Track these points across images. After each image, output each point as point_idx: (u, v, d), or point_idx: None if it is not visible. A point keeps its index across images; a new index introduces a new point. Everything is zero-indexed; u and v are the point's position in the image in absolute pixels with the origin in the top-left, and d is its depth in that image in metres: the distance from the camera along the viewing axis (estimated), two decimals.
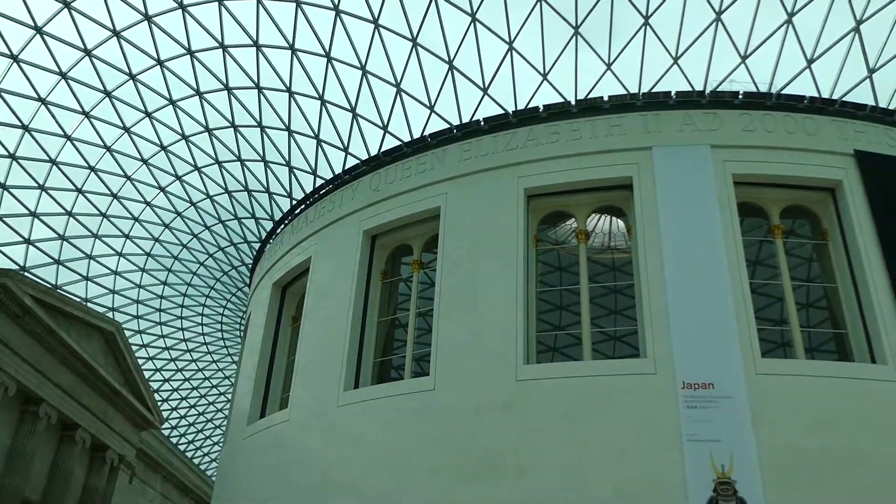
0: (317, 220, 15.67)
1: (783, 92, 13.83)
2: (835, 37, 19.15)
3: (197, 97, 24.69)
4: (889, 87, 19.79)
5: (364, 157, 20.15)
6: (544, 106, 13.75)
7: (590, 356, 11.66)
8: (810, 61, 19.28)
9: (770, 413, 10.10)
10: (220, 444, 35.20)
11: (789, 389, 10.37)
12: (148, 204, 29.18)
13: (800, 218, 13.12)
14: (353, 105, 22.98)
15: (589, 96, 19.31)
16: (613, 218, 14.27)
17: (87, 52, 22.63)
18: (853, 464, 9.85)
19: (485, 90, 21.85)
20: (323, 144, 24.29)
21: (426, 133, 15.53)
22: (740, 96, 13.15)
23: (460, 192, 13.32)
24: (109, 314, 31.30)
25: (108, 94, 24.26)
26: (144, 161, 27.13)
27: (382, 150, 16.21)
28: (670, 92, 13.21)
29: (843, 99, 13.72)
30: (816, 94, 15.49)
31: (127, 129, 25.81)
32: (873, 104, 14.07)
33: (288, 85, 23.34)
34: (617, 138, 12.76)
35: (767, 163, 12.36)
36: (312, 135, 24.20)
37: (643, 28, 20.19)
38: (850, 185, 12.23)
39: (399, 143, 17.69)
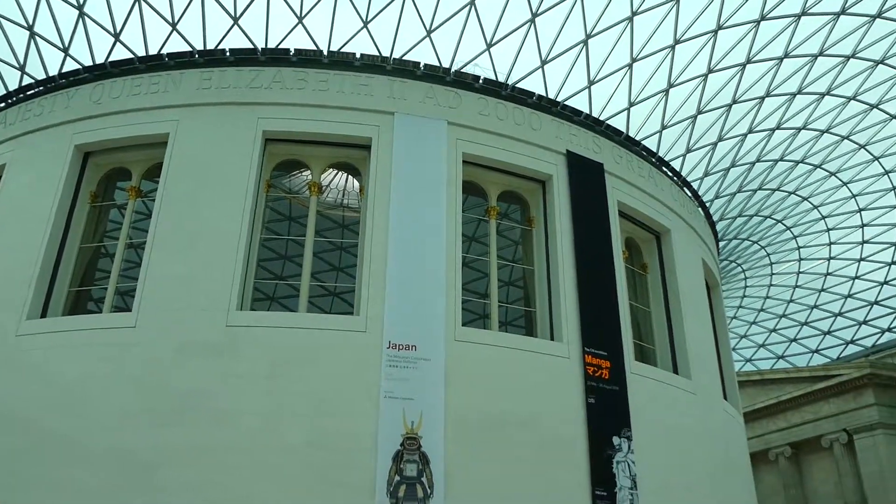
0: (18, 124, 13.73)
1: (518, 85, 14.92)
2: (567, 45, 21.12)
3: None
4: (603, 99, 22.39)
5: (87, 63, 18.03)
6: (295, 50, 13.41)
7: (305, 309, 11.76)
8: (544, 62, 21.07)
9: (461, 377, 11.05)
10: None
11: (481, 357, 11.43)
12: None
13: (514, 203, 14.38)
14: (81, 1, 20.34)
15: (341, 50, 19.16)
16: (349, 176, 14.45)
17: None
18: (524, 426, 11.22)
19: (235, 19, 20.66)
20: (37, 38, 21.18)
21: (164, 52, 14.30)
22: (481, 81, 13.98)
23: (193, 121, 12.52)
24: None
25: None
26: None
27: (111, 59, 14.62)
28: (419, 63, 13.62)
29: (565, 102, 15.23)
30: (544, 94, 16.96)
31: None
32: (587, 112, 15.78)
33: None
34: (363, 98, 12.87)
35: (495, 148, 13.33)
36: (25, 25, 21.01)
37: None
38: (559, 180, 13.68)
39: (132, 56, 16.09)
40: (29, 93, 14.26)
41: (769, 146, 26.66)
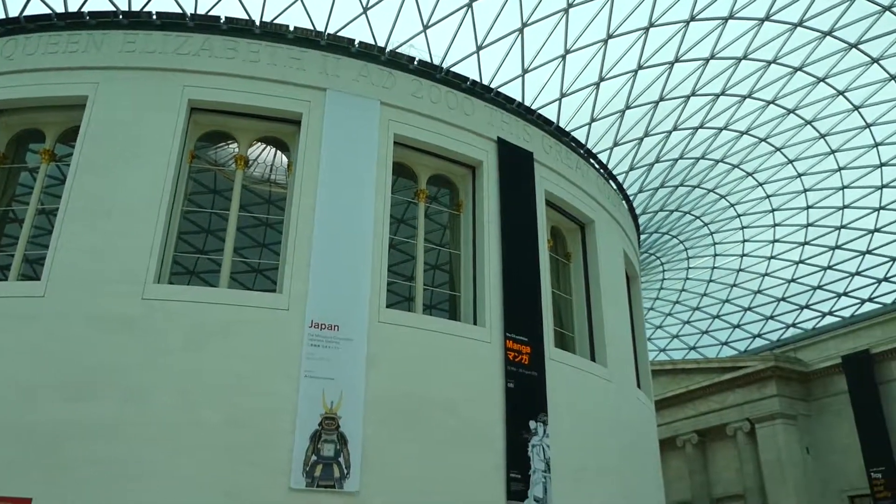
0: None
1: (452, 69, 14.92)
2: (503, 32, 21.21)
3: None
4: (535, 88, 22.63)
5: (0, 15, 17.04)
6: (226, 18, 12.99)
7: (226, 284, 11.51)
8: (479, 48, 21.11)
9: (384, 358, 11.05)
10: None
11: (404, 339, 11.44)
12: None
13: (444, 187, 14.40)
14: None
15: (274, 21, 18.68)
16: (277, 151, 14.15)
17: None
18: (444, 409, 11.32)
19: None
20: None
21: (85, 10, 13.63)
22: (415, 62, 13.90)
23: (115, 85, 11.99)
24: None
25: None
26: None
27: (26, 13, 13.84)
28: (354, 40, 13.41)
29: (498, 90, 15.31)
30: (478, 80, 17.01)
31: None
32: (520, 101, 15.91)
33: None
34: (295, 72, 12.60)
35: (427, 131, 13.28)
36: None
37: None
38: (489, 167, 13.77)
39: (50, 11, 15.27)
40: None
41: (692, 144, 27.55)
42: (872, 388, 28.00)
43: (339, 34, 16.05)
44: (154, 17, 12.79)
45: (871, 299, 32.25)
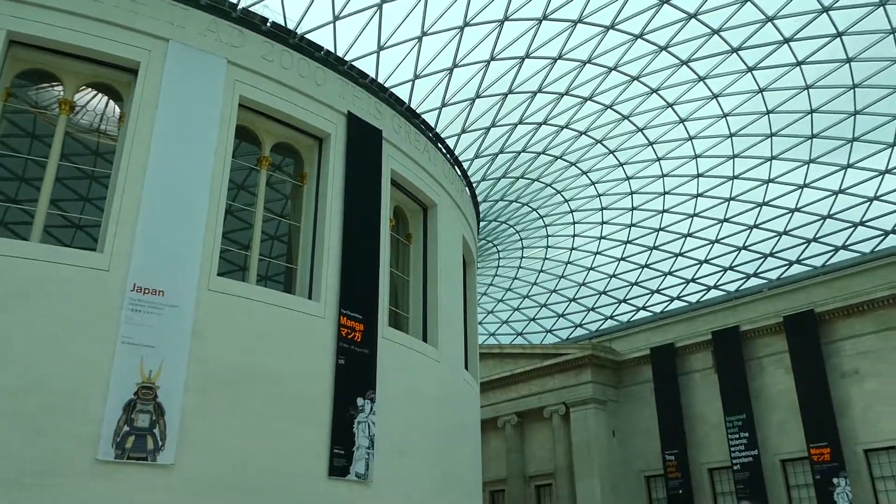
0: None
1: (307, 36, 14.50)
2: (361, 5, 20.90)
3: None
4: (390, 67, 22.57)
5: None
6: None
7: (39, 238, 10.56)
8: (336, 17, 20.67)
9: (211, 328, 10.64)
10: None
11: (234, 309, 11.09)
12: None
13: (289, 156, 14.04)
14: None
15: None
16: (109, 99, 13.13)
17: None
18: (272, 382, 11.11)
19: None
20: None
21: None
22: (268, 24, 13.39)
23: None
24: None
25: None
26: None
27: None
28: None
29: (353, 63, 15.09)
30: (333, 51, 16.66)
31: None
32: (374, 77, 15.80)
33: None
34: (136, 17, 11.71)
35: (275, 97, 12.87)
36: None
37: None
38: (337, 140, 13.59)
39: None
40: None
41: (535, 139, 28.70)
42: (674, 378, 30.73)
43: None
44: None
45: (679, 298, 35.31)
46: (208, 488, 9.97)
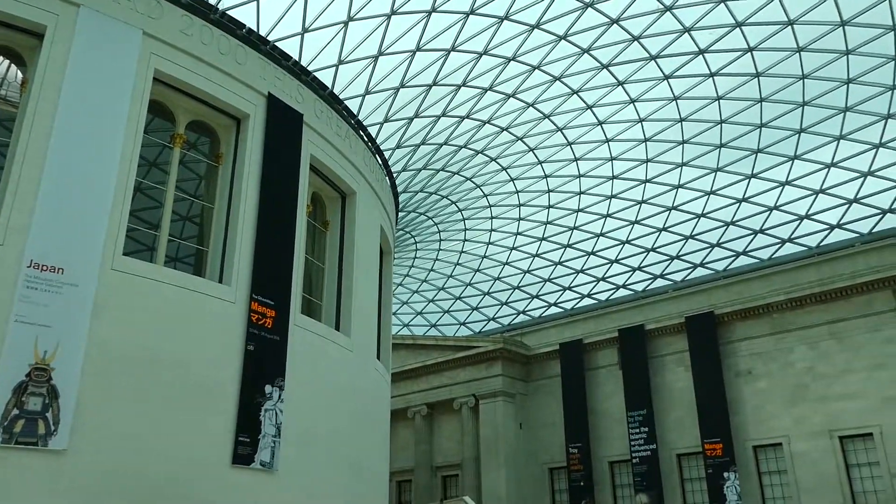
0: None
1: (229, 13, 14.07)
2: None
3: None
4: (314, 50, 22.18)
5: None
6: None
7: None
8: None
9: (113, 309, 10.22)
10: None
11: (139, 290, 10.68)
12: None
13: (205, 135, 13.60)
14: None
15: None
16: (11, 64, 12.37)
17: None
18: (176, 367, 10.77)
19: None
20: None
21: None
22: None
23: None
24: None
25: None
26: None
27: None
28: None
29: (275, 44, 14.75)
30: (255, 29, 16.23)
31: None
32: (296, 59, 15.49)
33: None
34: None
35: (193, 73, 12.44)
36: None
37: None
38: (255, 121, 13.26)
39: None
40: None
41: (457, 132, 28.83)
42: (580, 373, 31.58)
43: None
44: None
45: (589, 295, 36.28)
46: (103, 475, 9.59)
